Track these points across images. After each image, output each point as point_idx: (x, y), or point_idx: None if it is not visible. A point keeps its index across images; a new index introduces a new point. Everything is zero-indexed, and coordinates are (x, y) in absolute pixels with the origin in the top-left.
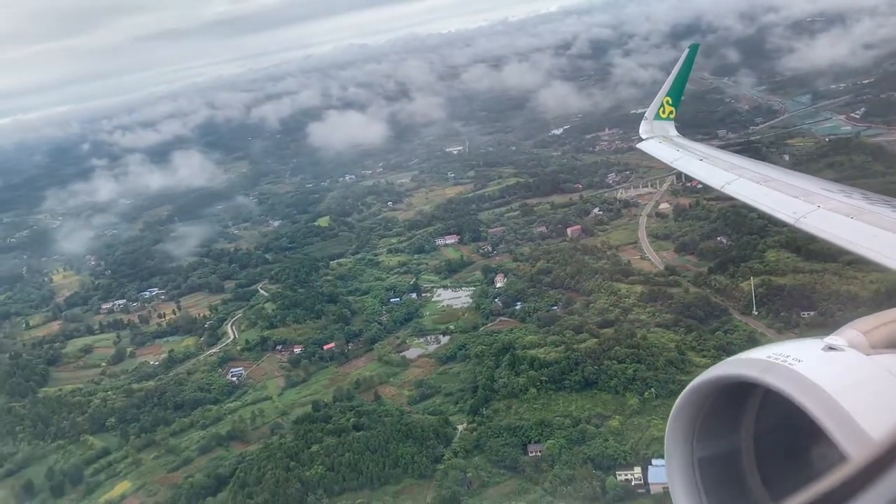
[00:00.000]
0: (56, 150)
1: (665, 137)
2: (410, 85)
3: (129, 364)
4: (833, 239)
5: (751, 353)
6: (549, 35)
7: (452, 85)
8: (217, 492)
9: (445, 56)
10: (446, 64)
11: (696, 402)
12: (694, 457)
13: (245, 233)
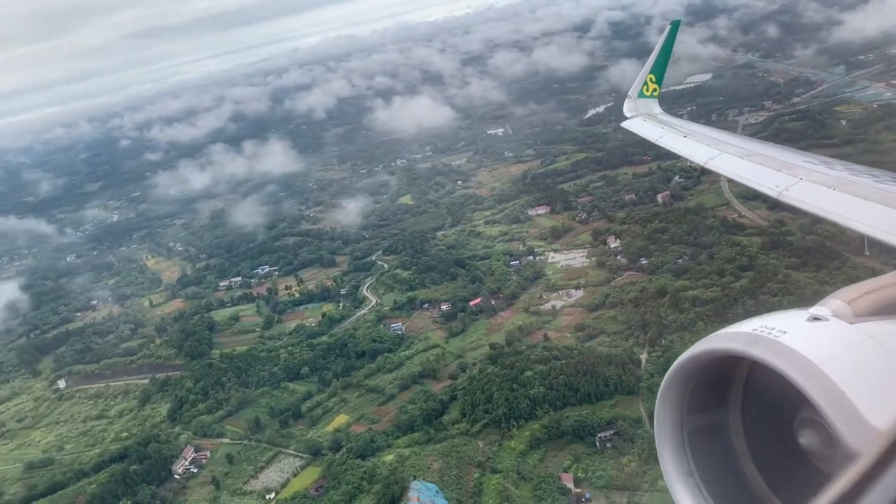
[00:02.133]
0: (90, 147)
1: (649, 115)
2: (435, 72)
3: (282, 328)
4: (816, 211)
5: (737, 327)
6: (554, 19)
7: (479, 70)
8: (442, 414)
9: (455, 43)
10: (461, 50)
11: (685, 376)
12: (684, 430)
13: (322, 215)
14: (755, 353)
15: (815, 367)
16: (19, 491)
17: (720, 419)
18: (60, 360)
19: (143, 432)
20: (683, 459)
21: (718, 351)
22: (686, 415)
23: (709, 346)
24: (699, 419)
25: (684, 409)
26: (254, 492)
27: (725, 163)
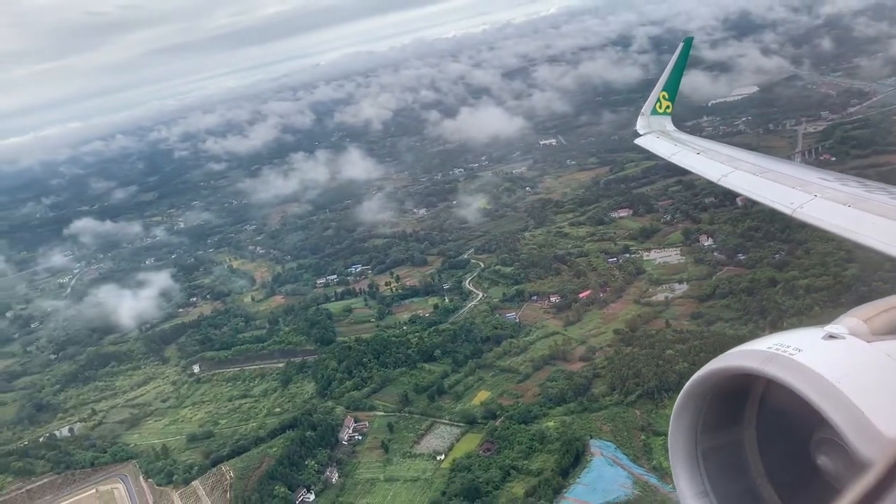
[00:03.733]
0: (135, 159)
1: (662, 132)
2: (478, 86)
3: (394, 319)
4: (831, 228)
5: (752, 345)
6: (586, 34)
7: (522, 84)
8: (587, 389)
9: (487, 58)
10: (496, 65)
11: (700, 394)
12: (698, 448)
13: (398, 220)
14: (770, 371)
15: (832, 386)
16: (195, 457)
17: (735, 438)
18: (184, 348)
19: (297, 407)
20: (698, 479)
21: (733, 369)
22: (701, 433)
23: (723, 364)
24: (714, 438)
25: (699, 428)
26: (422, 454)
27: (739, 180)
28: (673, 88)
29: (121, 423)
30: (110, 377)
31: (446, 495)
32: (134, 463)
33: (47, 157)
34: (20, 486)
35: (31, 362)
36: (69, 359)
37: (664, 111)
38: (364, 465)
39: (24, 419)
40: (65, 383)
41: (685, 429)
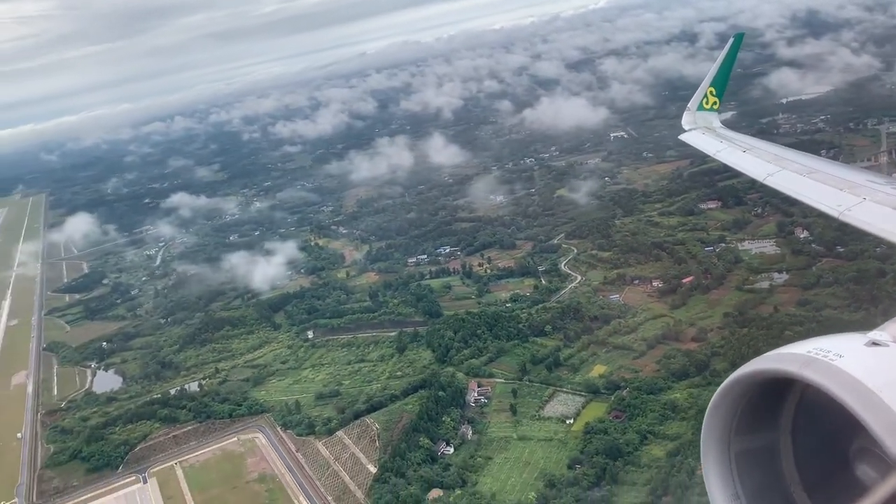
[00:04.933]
0: (202, 140)
1: (708, 129)
2: (543, 78)
3: (493, 297)
4: (879, 233)
5: (791, 348)
6: (640, 29)
7: (587, 77)
8: (706, 366)
9: (544, 51)
10: (556, 57)
11: (735, 396)
12: (731, 451)
13: (477, 205)
14: (809, 376)
15: (873, 394)
16: (327, 412)
17: (770, 442)
18: (292, 316)
19: (417, 371)
20: (730, 482)
21: (771, 372)
22: (735, 435)
23: (761, 367)
24: (748, 441)
25: (733, 430)
26: (550, 418)
27: (785, 180)
28: (721, 84)
29: (245, 381)
30: (226, 340)
31: (585, 454)
32: (268, 416)
33: (109, 135)
34: (167, 432)
35: (142, 325)
36: (179, 323)
37: (711, 107)
38: (494, 425)
39: (150, 375)
40: (182, 344)
41: (719, 429)
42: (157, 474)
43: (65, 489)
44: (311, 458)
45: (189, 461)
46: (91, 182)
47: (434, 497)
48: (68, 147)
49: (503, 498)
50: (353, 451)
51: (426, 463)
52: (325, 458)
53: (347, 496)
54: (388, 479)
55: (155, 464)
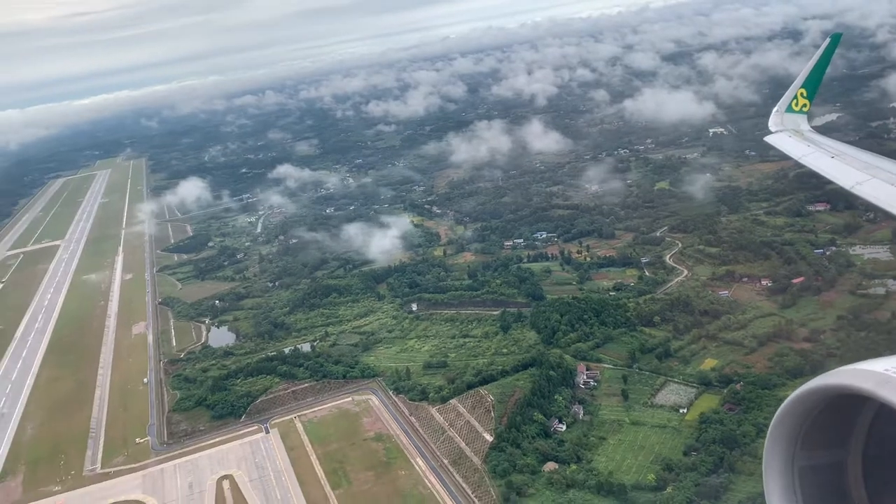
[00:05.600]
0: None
1: (796, 131)
2: (637, 69)
3: (595, 285)
4: None
5: (865, 365)
6: (738, 24)
7: (685, 70)
8: (823, 365)
9: (635, 41)
10: (651, 48)
11: (802, 409)
12: (795, 465)
13: (571, 192)
14: (885, 395)
15: None
16: (435, 381)
17: (837, 460)
18: (394, 288)
19: (522, 350)
20: (792, 497)
21: (844, 388)
22: (799, 450)
23: (833, 382)
24: (813, 457)
25: (798, 444)
26: (662, 406)
27: (875, 189)
28: (813, 86)
29: (354, 346)
30: (333, 306)
31: (701, 442)
32: (380, 380)
33: (204, 105)
34: (286, 387)
35: (251, 287)
36: (287, 287)
37: (800, 109)
38: (606, 408)
39: (263, 334)
40: (292, 307)
41: (783, 443)
42: (277, 426)
43: (192, 432)
44: (424, 422)
45: (307, 416)
46: (189, 149)
47: (550, 469)
48: (165, 114)
49: (620, 477)
50: (467, 419)
51: (540, 437)
52: (438, 423)
53: (464, 460)
54: (504, 448)
55: (275, 416)
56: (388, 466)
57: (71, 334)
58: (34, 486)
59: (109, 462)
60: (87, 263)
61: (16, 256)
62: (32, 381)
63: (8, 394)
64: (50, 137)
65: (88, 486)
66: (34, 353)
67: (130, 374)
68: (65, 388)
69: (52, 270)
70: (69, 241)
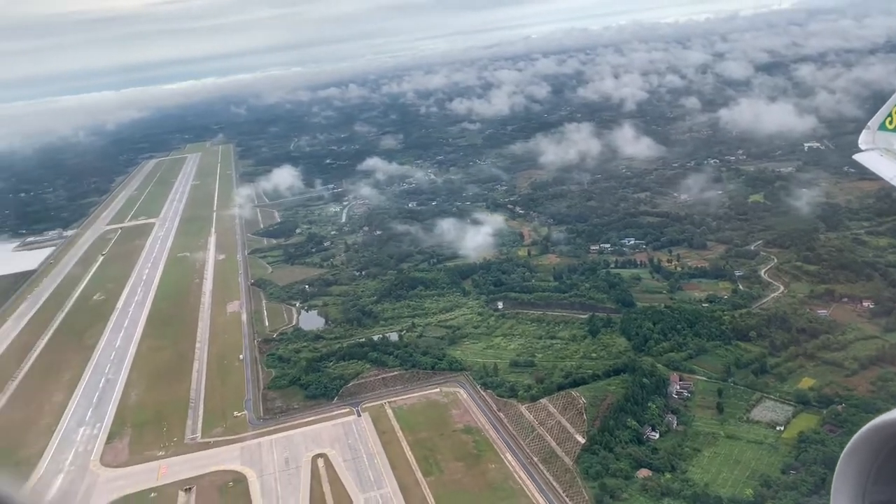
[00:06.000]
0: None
1: (888, 150)
2: (726, 78)
3: (685, 295)
4: None
5: None
6: (837, 35)
7: (780, 81)
8: None
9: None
10: (742, 57)
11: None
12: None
13: (659, 200)
14: None
15: None
16: (523, 379)
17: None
18: (479, 285)
19: (612, 355)
20: None
21: None
22: (871, 484)
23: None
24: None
25: (870, 478)
26: (759, 422)
27: None
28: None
29: (441, 338)
30: (419, 298)
31: (801, 461)
32: (467, 374)
33: (289, 96)
34: (376, 373)
35: (339, 275)
36: (373, 277)
37: (895, 128)
38: (700, 420)
39: (351, 320)
40: (380, 297)
41: (854, 476)
42: (368, 410)
43: (287, 410)
44: (513, 419)
45: (397, 403)
46: (274, 138)
47: (644, 475)
48: (251, 103)
49: (716, 489)
50: (558, 420)
51: (632, 443)
52: (528, 421)
53: (554, 459)
54: (597, 451)
55: (366, 400)
56: (478, 459)
57: (169, 308)
58: (140, 450)
59: (209, 432)
60: (181, 242)
61: (114, 231)
62: (134, 349)
63: (112, 360)
64: (143, 119)
65: (189, 453)
66: (135, 324)
67: (226, 349)
68: (165, 359)
69: (149, 246)
70: (164, 220)
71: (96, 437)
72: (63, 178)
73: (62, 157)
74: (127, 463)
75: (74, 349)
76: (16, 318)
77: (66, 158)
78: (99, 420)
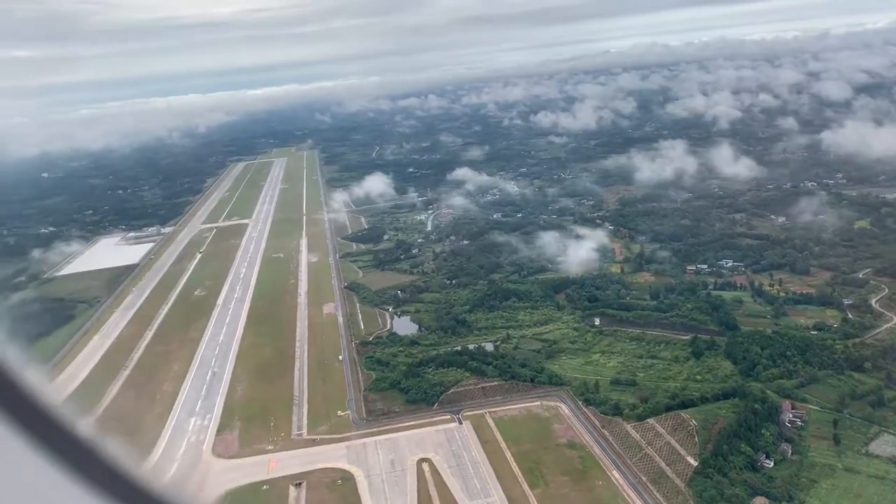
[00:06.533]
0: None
1: None
2: (823, 97)
3: (790, 321)
4: None
5: None
6: None
7: (883, 103)
8: None
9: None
10: (838, 77)
11: None
12: None
13: (755, 222)
14: None
15: None
16: (625, 398)
17: None
18: (573, 300)
19: (718, 379)
20: None
21: None
22: None
23: None
24: None
25: None
26: (879, 456)
27: None
28: None
29: (537, 351)
30: (512, 310)
31: None
32: (567, 389)
33: (371, 105)
34: (475, 382)
35: (430, 282)
36: (464, 286)
37: None
38: (815, 451)
39: (445, 328)
40: (473, 306)
41: None
42: (469, 418)
43: (388, 412)
44: (619, 437)
45: (498, 413)
46: (357, 145)
47: (760, 503)
48: (334, 110)
49: None
50: (667, 441)
51: (746, 469)
52: (634, 440)
53: (664, 480)
54: (711, 475)
55: (466, 408)
56: (584, 475)
57: (267, 306)
58: (249, 443)
59: (314, 430)
60: (274, 243)
61: (209, 230)
62: (237, 345)
63: (217, 355)
64: (230, 123)
65: (296, 449)
66: (236, 320)
67: (325, 350)
68: (267, 355)
69: (244, 246)
70: (256, 221)
71: (207, 428)
72: (157, 177)
73: (155, 157)
74: (237, 455)
75: (180, 341)
76: (123, 310)
77: (159, 158)
78: (208, 412)
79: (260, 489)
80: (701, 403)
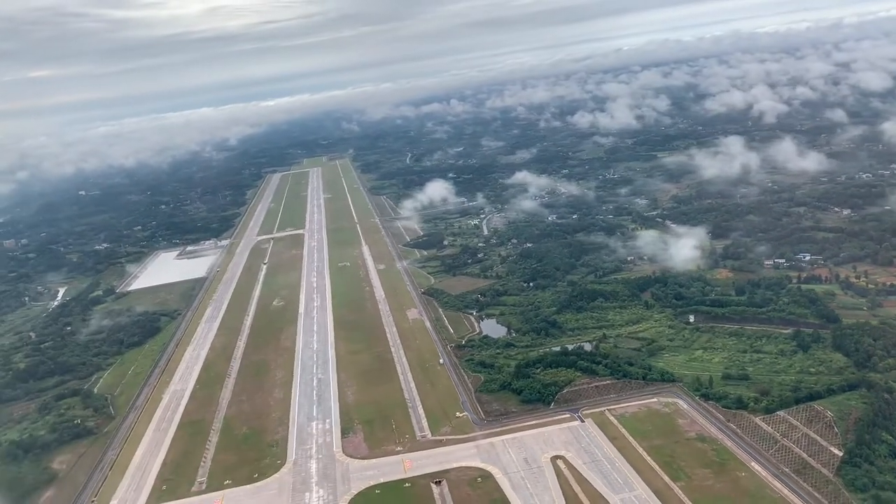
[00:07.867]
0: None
1: None
2: (863, 89)
3: (887, 312)
4: None
5: None
6: None
7: None
8: None
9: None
10: (868, 67)
11: None
12: None
13: (822, 216)
14: None
15: None
16: (740, 392)
17: None
18: (660, 299)
19: (832, 371)
20: None
21: None
22: None
23: None
24: None
25: None
26: None
27: None
28: None
29: (637, 350)
30: (601, 310)
31: None
32: (680, 385)
33: (393, 111)
34: (588, 381)
35: (507, 285)
36: (543, 288)
37: None
38: None
39: (537, 329)
40: (560, 308)
41: None
42: (590, 416)
43: (505, 413)
44: (748, 430)
45: (617, 410)
46: (388, 153)
47: None
48: (358, 118)
49: None
50: (805, 432)
51: (891, 457)
52: (766, 432)
53: (809, 471)
54: (859, 464)
55: (583, 407)
56: (723, 467)
57: (350, 314)
58: (376, 444)
59: (437, 431)
60: (336, 252)
61: (267, 241)
62: (333, 352)
63: (317, 362)
64: (254, 135)
65: (425, 449)
66: (324, 328)
67: (422, 354)
68: (366, 361)
69: (307, 256)
70: (310, 231)
71: (330, 431)
72: (195, 190)
73: (189, 171)
74: (369, 455)
75: (274, 350)
76: (207, 321)
77: (192, 172)
78: (326, 416)
79: (402, 486)
80: (827, 395)
